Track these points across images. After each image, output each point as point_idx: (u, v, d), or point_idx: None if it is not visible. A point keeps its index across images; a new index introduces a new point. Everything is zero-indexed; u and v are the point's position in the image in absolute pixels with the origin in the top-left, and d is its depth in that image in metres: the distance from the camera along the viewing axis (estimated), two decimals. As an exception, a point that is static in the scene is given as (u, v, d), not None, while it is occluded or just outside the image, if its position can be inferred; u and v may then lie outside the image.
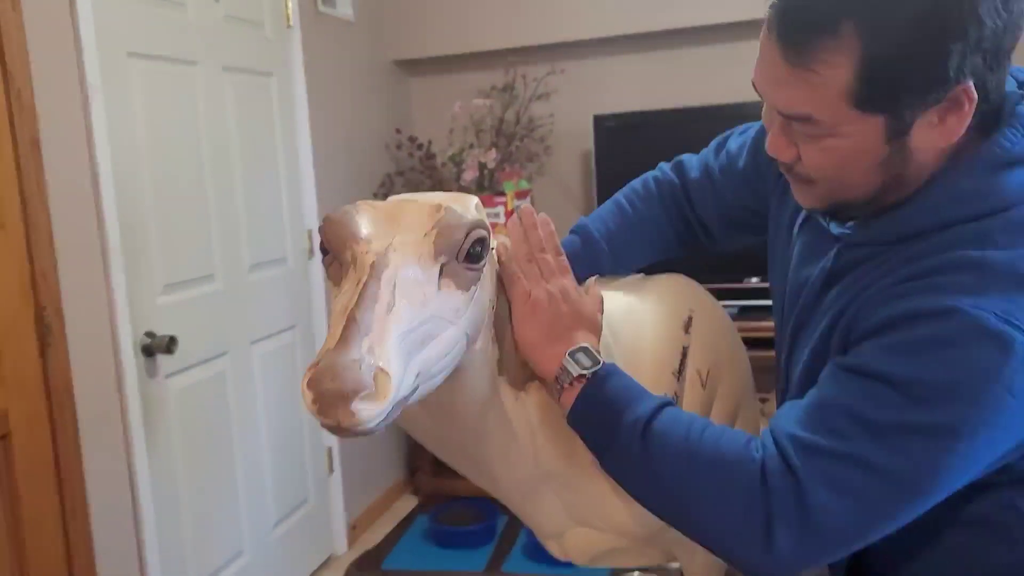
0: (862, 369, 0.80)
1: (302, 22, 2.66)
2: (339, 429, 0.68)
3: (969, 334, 0.75)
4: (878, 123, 0.79)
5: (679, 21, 2.95)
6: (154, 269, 2.03)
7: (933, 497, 0.79)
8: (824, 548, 0.80)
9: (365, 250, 0.77)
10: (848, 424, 0.78)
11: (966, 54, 0.75)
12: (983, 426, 0.75)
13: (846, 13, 0.75)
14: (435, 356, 0.76)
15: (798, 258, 1.01)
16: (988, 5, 0.74)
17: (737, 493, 0.80)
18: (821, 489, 0.77)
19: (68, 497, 1.79)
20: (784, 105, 0.82)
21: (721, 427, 0.87)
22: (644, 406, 0.87)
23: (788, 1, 0.79)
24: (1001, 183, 0.81)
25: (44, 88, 1.75)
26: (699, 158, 1.21)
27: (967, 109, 0.78)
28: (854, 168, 0.83)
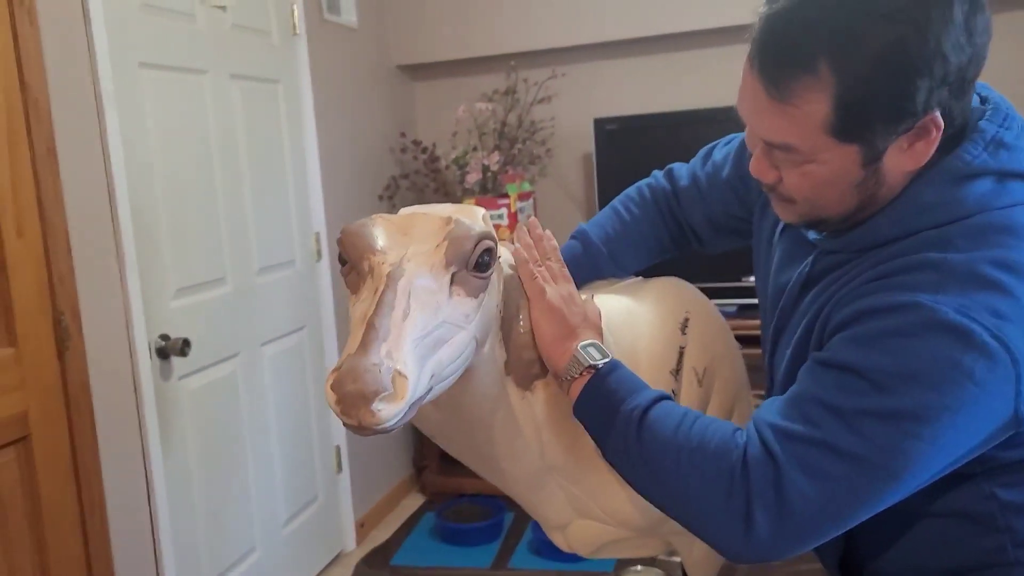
0: (831, 361, 0.85)
1: (308, 30, 2.72)
2: (360, 428, 0.73)
3: (929, 326, 0.80)
4: (853, 151, 0.85)
5: (678, 26, 3.00)
6: (167, 273, 2.08)
7: (905, 483, 0.83)
8: (800, 533, 0.84)
9: (381, 261, 0.83)
10: (820, 412, 0.83)
11: (932, 88, 0.80)
12: (946, 412, 0.79)
13: (822, 53, 0.80)
14: (447, 359, 0.81)
15: (778, 263, 1.07)
16: (952, 42, 0.79)
17: (720, 478, 0.84)
18: (797, 474, 0.81)
19: (86, 495, 1.84)
20: (766, 134, 0.88)
21: (711, 418, 0.91)
22: (642, 397, 0.92)
23: (768, 39, 0.84)
24: (962, 194, 0.87)
25: (60, 98, 1.80)
26: (688, 167, 1.28)
27: (935, 135, 0.84)
28: (831, 190, 0.89)
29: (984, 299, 0.81)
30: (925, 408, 0.79)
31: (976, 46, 0.82)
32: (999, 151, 0.87)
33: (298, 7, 2.67)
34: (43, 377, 1.76)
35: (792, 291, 1.00)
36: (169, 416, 2.08)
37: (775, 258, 1.08)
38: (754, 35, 0.86)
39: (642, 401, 0.92)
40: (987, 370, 0.79)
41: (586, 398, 0.95)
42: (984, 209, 0.86)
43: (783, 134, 0.86)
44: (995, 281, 0.81)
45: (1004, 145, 0.88)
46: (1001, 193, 0.87)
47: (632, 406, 0.91)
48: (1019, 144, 0.89)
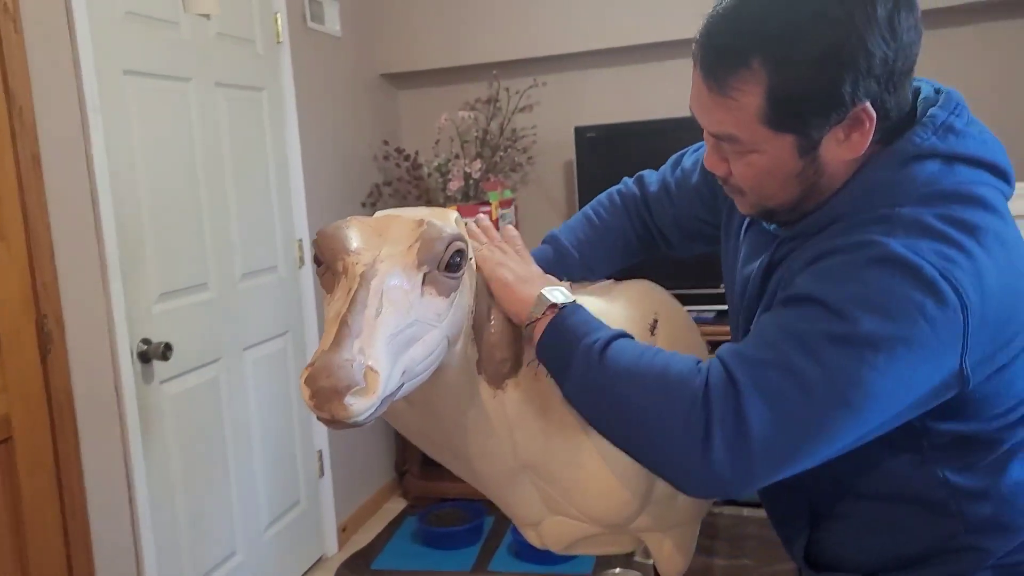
0: (790, 296, 0.90)
1: (291, 38, 2.75)
2: (333, 422, 0.76)
3: (883, 259, 0.85)
4: (789, 140, 0.91)
5: (656, 36, 3.05)
6: (150, 278, 2.10)
7: (859, 417, 0.83)
8: (758, 460, 0.83)
9: (355, 261, 0.86)
10: (780, 337, 0.86)
11: (859, 81, 0.86)
12: (899, 343, 0.82)
13: (755, 50, 0.87)
14: (419, 356, 0.85)
15: (744, 257, 1.12)
16: (875, 37, 0.85)
17: (681, 403, 0.85)
18: (756, 396, 0.83)
19: (67, 498, 1.86)
20: (711, 127, 0.95)
21: (674, 352, 0.93)
22: (605, 332, 0.96)
23: (708, 40, 0.92)
24: (910, 173, 0.91)
25: (44, 106, 1.83)
26: (658, 174, 1.33)
27: (868, 127, 0.89)
28: (774, 179, 0.95)
29: (932, 244, 0.85)
30: (879, 336, 0.82)
31: (902, 42, 0.87)
32: (948, 135, 0.92)
33: (282, 16, 2.70)
34: (26, 381, 1.78)
35: (756, 279, 1.05)
36: (151, 420, 2.09)
37: (741, 252, 1.13)
38: (697, 37, 0.93)
39: (604, 335, 0.95)
40: (936, 308, 0.82)
41: (548, 335, 0.98)
42: (934, 183, 0.91)
43: (724, 125, 0.93)
44: (943, 232, 0.86)
45: (953, 130, 0.93)
46: (948, 174, 0.91)
47: (594, 339, 0.94)
48: (968, 131, 0.94)
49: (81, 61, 1.90)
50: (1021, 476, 0.96)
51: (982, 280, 0.84)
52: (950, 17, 2.85)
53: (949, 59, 2.85)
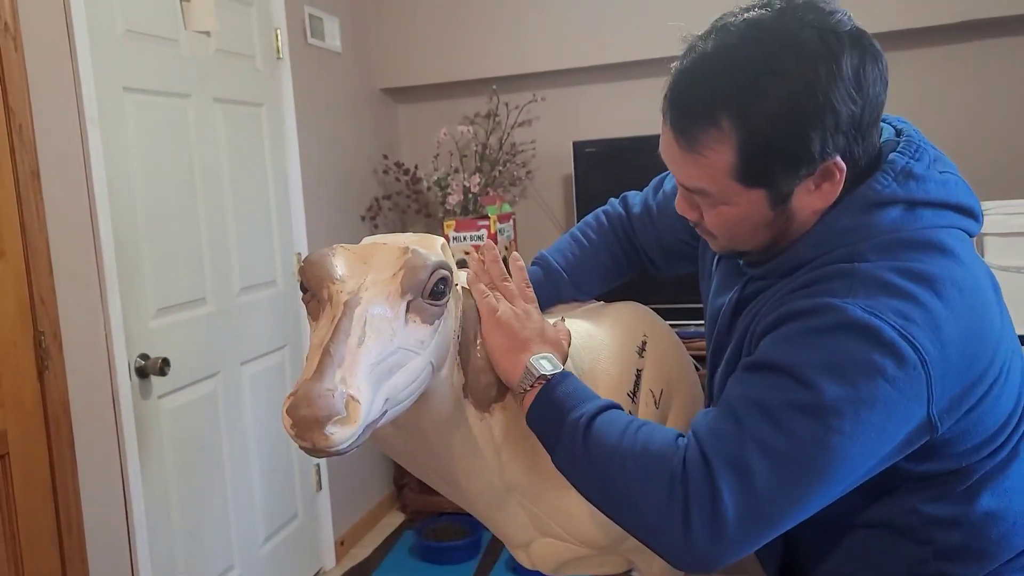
0: (756, 362, 0.91)
1: (291, 54, 2.77)
2: (315, 451, 0.77)
3: (841, 324, 0.85)
4: (760, 194, 0.92)
5: (655, 51, 3.06)
6: (148, 294, 2.11)
7: (831, 482, 0.85)
8: (735, 535, 0.85)
9: (340, 289, 0.87)
10: (747, 409, 0.86)
11: (827, 137, 0.87)
12: (863, 407, 0.83)
13: (722, 109, 0.88)
14: (402, 383, 0.85)
15: (715, 289, 1.14)
16: (840, 95, 0.86)
17: (661, 482, 0.87)
18: (728, 472, 0.84)
19: (64, 513, 1.87)
20: (681, 179, 0.96)
21: (656, 425, 0.95)
22: (590, 406, 0.96)
23: (676, 96, 0.93)
24: (873, 220, 0.92)
25: (44, 122, 1.84)
26: (641, 195, 1.35)
27: (839, 177, 0.90)
28: (745, 227, 0.96)
29: (890, 303, 0.86)
30: (843, 401, 0.83)
31: (868, 96, 0.88)
32: (908, 181, 0.93)
33: (282, 32, 2.72)
34: (23, 396, 1.79)
35: (726, 314, 1.07)
36: (148, 435, 2.10)
37: (713, 284, 1.15)
38: (665, 90, 0.94)
39: (589, 409, 0.95)
40: (897, 367, 0.83)
41: (537, 408, 0.99)
42: (896, 231, 0.92)
43: (695, 180, 0.94)
44: (900, 288, 0.87)
45: (913, 176, 0.93)
46: (911, 219, 0.92)
47: (579, 414, 0.95)
48: (928, 174, 0.94)
49: (81, 78, 1.91)
50: (991, 505, 0.96)
51: (940, 332, 0.85)
52: (930, 37, 2.87)
53: (932, 78, 2.87)
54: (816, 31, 0.86)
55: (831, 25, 0.87)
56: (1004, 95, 2.87)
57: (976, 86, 2.89)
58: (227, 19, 2.45)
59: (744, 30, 0.89)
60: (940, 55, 2.90)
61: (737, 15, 0.91)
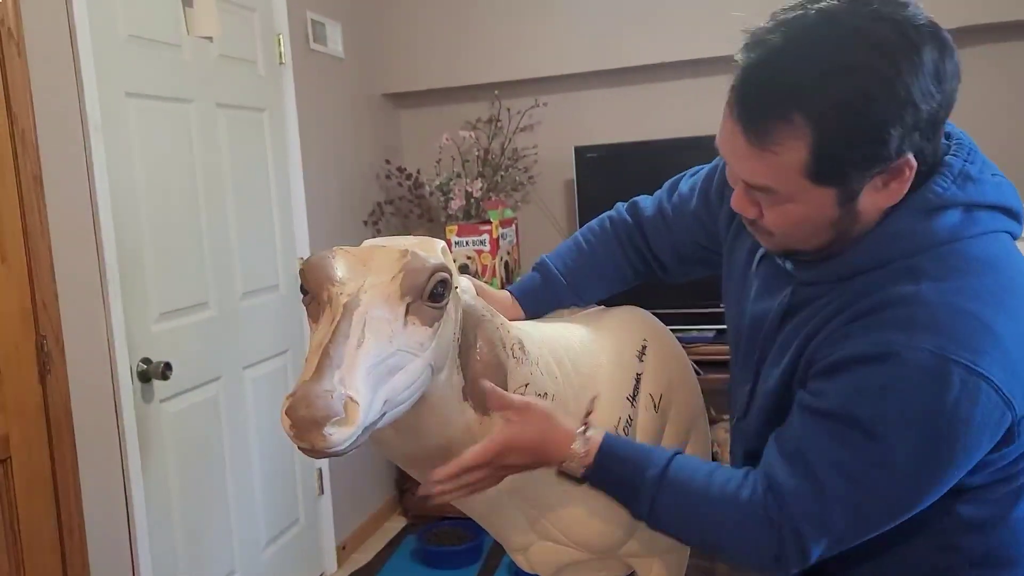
0: (824, 411, 0.90)
1: (294, 59, 2.77)
2: (313, 451, 0.77)
3: (909, 374, 0.85)
4: (830, 192, 0.89)
5: (656, 57, 3.07)
6: (150, 298, 2.12)
7: (907, 513, 0.91)
8: (825, 557, 0.94)
9: (340, 291, 0.87)
10: (824, 469, 0.89)
11: (904, 135, 0.84)
12: (940, 452, 0.85)
13: (796, 105, 0.84)
14: (401, 385, 0.86)
15: (757, 291, 1.10)
16: (920, 90, 0.83)
17: (749, 531, 0.95)
18: (815, 531, 0.91)
19: (65, 517, 1.87)
20: (746, 176, 0.93)
21: (727, 469, 1.00)
22: (658, 458, 1.02)
23: (746, 89, 0.89)
24: (931, 225, 0.91)
25: (47, 127, 1.85)
26: (654, 199, 1.32)
27: (908, 175, 0.88)
28: (808, 227, 0.93)
29: (955, 335, 0.85)
30: (919, 452, 0.85)
31: (945, 92, 0.86)
32: (966, 184, 0.92)
33: (284, 38, 2.73)
34: (25, 401, 1.79)
35: (772, 321, 1.04)
36: (150, 439, 2.10)
37: (753, 288, 1.11)
38: (734, 83, 0.90)
39: (660, 462, 1.01)
40: (972, 405, 0.84)
41: (603, 471, 1.03)
42: (955, 238, 0.91)
43: (762, 177, 0.90)
44: (969, 312, 0.85)
45: (971, 178, 0.92)
46: (969, 223, 0.91)
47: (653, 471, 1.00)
48: (983, 177, 0.94)
49: (84, 83, 1.92)
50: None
51: (1010, 353, 0.85)
52: (961, 38, 2.86)
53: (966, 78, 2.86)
54: (894, 23, 0.83)
55: (907, 17, 0.84)
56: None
57: (1007, 88, 2.87)
58: (229, 24, 2.46)
59: (817, 22, 0.85)
60: (970, 56, 2.88)
61: (807, 6, 0.87)
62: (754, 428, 1.05)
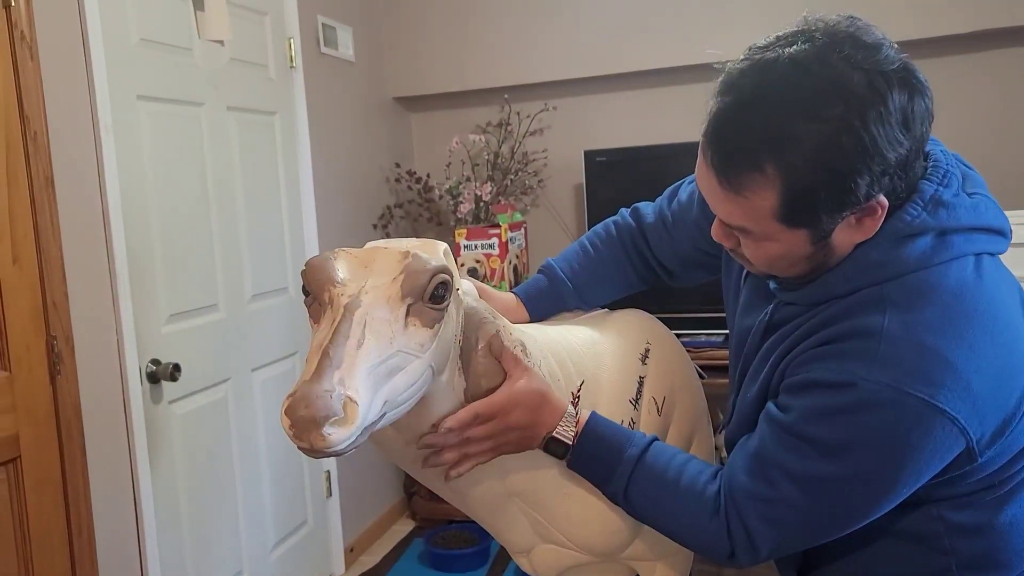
0: (785, 426, 0.95)
1: (305, 63, 2.79)
2: (312, 451, 0.77)
3: (865, 404, 0.89)
4: (803, 233, 0.92)
5: (666, 61, 3.07)
6: (159, 300, 2.13)
7: (857, 523, 0.95)
8: (772, 557, 1.03)
9: (341, 292, 0.88)
10: (778, 475, 0.95)
11: (873, 181, 0.86)
12: (889, 471, 0.90)
13: (766, 155, 0.86)
14: (401, 386, 0.86)
15: (743, 307, 1.14)
16: (887, 140, 0.84)
17: (703, 521, 1.01)
18: (763, 525, 0.97)
19: (74, 517, 1.88)
20: (722, 216, 0.96)
21: (696, 462, 1.06)
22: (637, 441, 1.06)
23: (718, 137, 0.90)
24: (902, 253, 0.93)
25: (59, 130, 1.87)
26: (655, 205, 1.33)
27: (880, 213, 0.90)
28: (784, 261, 0.96)
29: (917, 370, 0.87)
30: (868, 472, 0.90)
31: (915, 136, 0.87)
32: (938, 210, 0.93)
33: (295, 42, 2.74)
34: (35, 400, 1.81)
35: (755, 338, 1.07)
36: (158, 440, 2.12)
37: (741, 299, 1.14)
38: (706, 128, 0.92)
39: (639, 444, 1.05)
40: (923, 435, 0.87)
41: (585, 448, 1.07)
42: (924, 266, 0.92)
43: (737, 218, 0.93)
44: (929, 347, 0.88)
45: (943, 203, 0.93)
46: (941, 248, 0.92)
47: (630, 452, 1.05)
48: (957, 201, 0.94)
49: (96, 86, 1.94)
50: (1017, 514, 0.97)
51: (971, 386, 0.87)
52: (950, 45, 2.86)
53: (953, 87, 2.85)
54: (864, 73, 0.84)
55: (878, 63, 0.84)
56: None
57: (997, 95, 2.87)
58: (241, 28, 2.48)
59: (787, 69, 0.86)
60: (961, 64, 2.88)
61: (777, 49, 0.88)
62: (734, 438, 1.08)
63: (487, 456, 1.04)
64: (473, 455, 1.03)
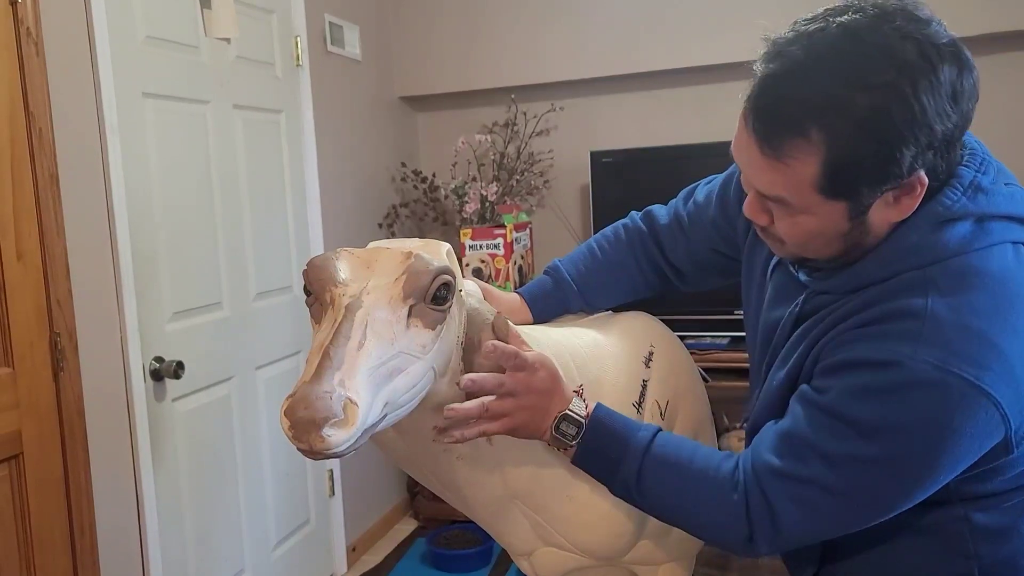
0: (822, 405, 0.92)
1: (311, 61, 2.79)
2: (312, 452, 0.77)
3: (908, 384, 0.86)
4: (841, 207, 0.89)
5: (673, 62, 3.06)
6: (164, 297, 2.13)
7: (890, 511, 0.92)
8: (792, 545, 0.99)
9: (342, 292, 0.87)
10: (810, 454, 0.91)
11: (918, 154, 0.84)
12: (927, 457, 0.87)
13: (813, 120, 0.84)
14: (403, 387, 0.85)
15: (770, 299, 1.10)
16: (937, 110, 0.83)
17: (722, 515, 0.97)
18: (789, 505, 0.93)
19: (76, 515, 1.88)
20: (760, 186, 0.93)
21: (708, 449, 1.03)
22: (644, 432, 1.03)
23: (763, 101, 0.88)
24: (942, 237, 0.91)
25: (64, 126, 1.86)
26: (668, 207, 1.31)
27: (919, 191, 0.88)
28: (820, 238, 0.94)
29: (962, 350, 0.85)
30: (907, 455, 0.87)
31: (962, 111, 0.85)
32: (977, 195, 0.91)
33: (302, 40, 2.74)
34: (38, 397, 1.81)
35: (784, 328, 1.05)
36: (161, 437, 2.11)
37: (767, 294, 1.12)
38: (750, 92, 0.90)
39: (645, 435, 1.02)
40: (966, 418, 0.85)
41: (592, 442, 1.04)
42: (964, 251, 0.90)
43: (775, 188, 0.91)
44: (972, 330, 0.86)
45: (982, 189, 0.92)
46: (980, 234, 0.91)
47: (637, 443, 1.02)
48: (995, 188, 0.93)
49: (101, 83, 1.94)
50: None
51: (1015, 369, 0.86)
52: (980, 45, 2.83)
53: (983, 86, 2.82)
54: (915, 42, 0.83)
55: (929, 36, 0.83)
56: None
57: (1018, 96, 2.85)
58: (247, 26, 2.48)
59: (838, 37, 0.84)
60: (989, 63, 2.86)
61: (828, 19, 0.86)
62: (759, 425, 1.05)
63: (498, 426, 1.00)
64: (492, 418, 1.00)
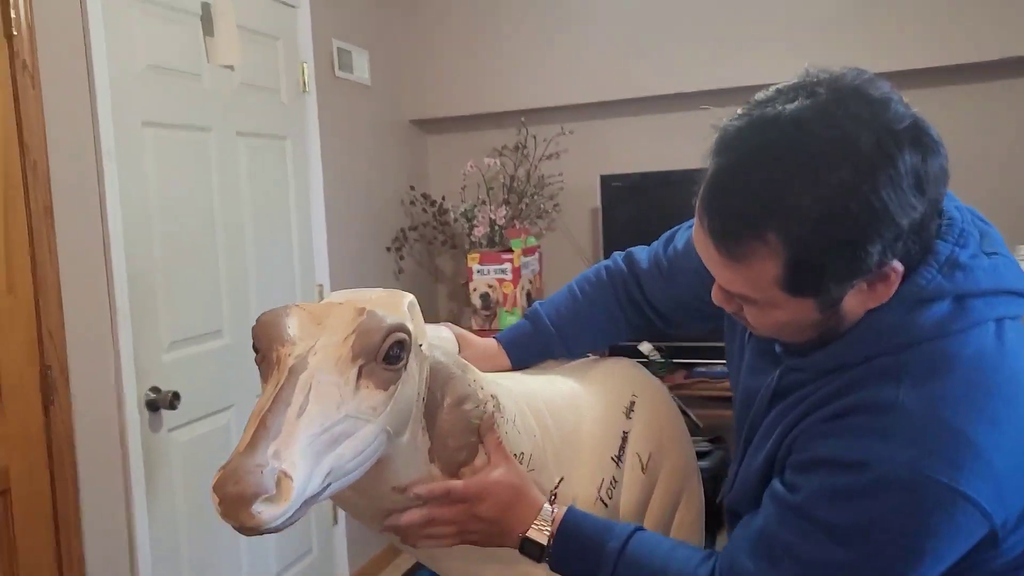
0: (794, 506, 0.87)
1: (319, 86, 2.78)
2: (243, 529, 0.73)
3: (883, 485, 0.80)
4: (810, 302, 0.84)
5: (683, 86, 3.01)
6: (161, 327, 2.11)
7: None
8: None
9: (288, 352, 0.83)
10: (783, 555, 0.87)
11: (885, 249, 0.78)
12: (900, 561, 0.81)
13: (766, 223, 0.78)
14: (349, 454, 0.81)
15: (748, 366, 1.05)
16: (899, 205, 0.76)
17: None
18: None
19: (64, 549, 1.86)
20: (724, 284, 0.88)
21: (685, 548, 0.98)
22: (619, 532, 0.98)
23: (715, 203, 0.82)
24: (917, 319, 0.84)
25: (59, 157, 1.86)
26: (649, 250, 1.26)
27: (894, 279, 0.82)
28: (790, 327, 0.89)
29: (937, 448, 0.79)
30: (882, 559, 0.82)
31: (929, 199, 0.79)
32: (954, 272, 0.85)
33: (309, 66, 2.73)
34: (27, 431, 1.79)
35: (761, 402, 1.00)
36: (157, 469, 2.09)
37: (746, 358, 1.07)
38: (702, 191, 0.84)
39: (620, 535, 0.97)
40: (943, 520, 0.79)
41: (563, 548, 0.99)
42: (941, 334, 0.84)
43: (738, 286, 0.86)
44: (949, 424, 0.80)
45: (959, 266, 0.85)
46: (959, 314, 0.84)
47: (613, 546, 0.96)
48: (975, 263, 0.86)
49: (99, 113, 1.93)
50: None
51: (993, 466, 0.79)
52: (963, 74, 2.77)
53: (966, 116, 2.76)
54: (871, 132, 0.76)
55: (887, 122, 0.77)
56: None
57: (1011, 124, 2.78)
58: (253, 53, 2.47)
59: (789, 130, 0.78)
60: (973, 93, 2.80)
61: (777, 104, 0.80)
62: (736, 507, 1.01)
63: (449, 541, 0.98)
64: (435, 536, 0.98)
